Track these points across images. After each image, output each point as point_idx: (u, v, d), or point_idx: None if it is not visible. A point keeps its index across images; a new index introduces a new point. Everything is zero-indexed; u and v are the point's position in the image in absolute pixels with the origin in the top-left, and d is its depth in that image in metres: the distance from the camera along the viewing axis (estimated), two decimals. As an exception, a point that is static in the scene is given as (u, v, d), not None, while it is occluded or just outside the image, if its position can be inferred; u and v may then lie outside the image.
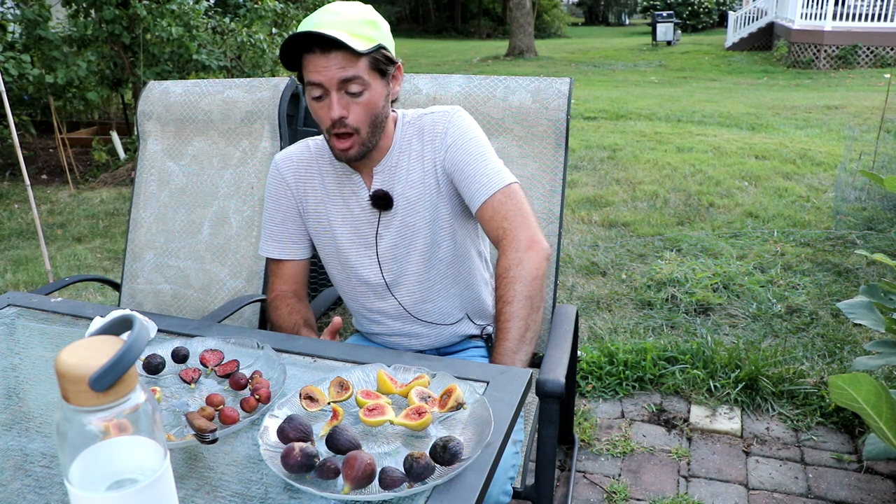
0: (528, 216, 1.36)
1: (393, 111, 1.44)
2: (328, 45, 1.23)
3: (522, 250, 1.32)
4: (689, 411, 2.34)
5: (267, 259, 1.55)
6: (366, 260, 1.45)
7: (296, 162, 1.48)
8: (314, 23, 1.25)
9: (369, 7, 1.32)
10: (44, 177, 6.38)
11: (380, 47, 1.29)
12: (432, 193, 1.40)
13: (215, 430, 0.96)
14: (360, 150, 1.33)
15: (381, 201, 1.39)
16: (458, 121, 1.40)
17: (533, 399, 1.54)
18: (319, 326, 3.07)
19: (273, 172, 1.50)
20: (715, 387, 2.42)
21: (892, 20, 12.80)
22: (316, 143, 1.48)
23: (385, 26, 1.33)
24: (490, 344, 1.55)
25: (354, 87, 1.27)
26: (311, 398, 1.05)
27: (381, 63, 1.30)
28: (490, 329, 1.56)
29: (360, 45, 1.24)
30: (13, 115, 4.57)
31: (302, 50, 1.26)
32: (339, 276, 1.52)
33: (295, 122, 2.46)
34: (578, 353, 2.43)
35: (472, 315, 1.53)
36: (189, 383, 1.14)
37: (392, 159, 1.40)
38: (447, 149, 1.39)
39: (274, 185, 1.50)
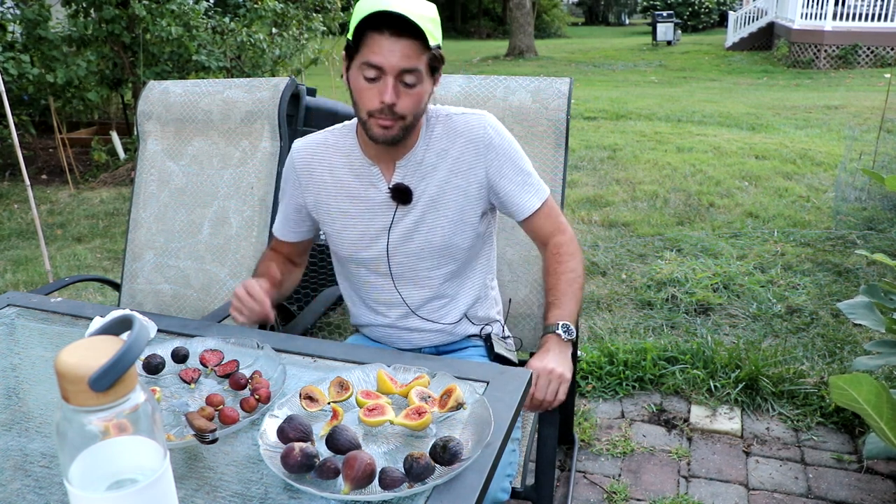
0: (564, 220, 1.50)
1: None
2: (402, 29, 1.23)
3: (576, 245, 1.47)
4: (689, 411, 2.34)
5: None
6: (375, 252, 1.46)
7: (310, 153, 1.48)
8: (388, 3, 1.22)
9: (434, 5, 1.33)
10: (44, 177, 6.38)
11: (439, 47, 1.31)
12: (459, 195, 1.41)
13: (215, 430, 0.96)
14: (399, 133, 1.33)
15: (401, 195, 1.40)
16: (499, 128, 1.43)
17: (533, 399, 1.54)
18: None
19: (288, 158, 1.52)
20: (715, 387, 2.42)
21: (892, 20, 12.79)
22: (334, 134, 1.48)
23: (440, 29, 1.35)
24: (489, 343, 1.54)
25: (411, 79, 1.27)
26: (311, 398, 1.05)
27: (436, 62, 1.32)
28: (489, 329, 1.56)
29: (430, 40, 1.26)
30: (13, 115, 4.56)
31: (369, 27, 1.25)
32: (346, 263, 1.52)
33: (295, 122, 2.46)
34: (578, 353, 2.43)
35: (471, 317, 1.53)
36: (189, 383, 1.14)
37: (417, 155, 1.41)
38: (493, 158, 1.41)
39: (287, 171, 1.52)
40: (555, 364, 1.31)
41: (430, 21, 1.27)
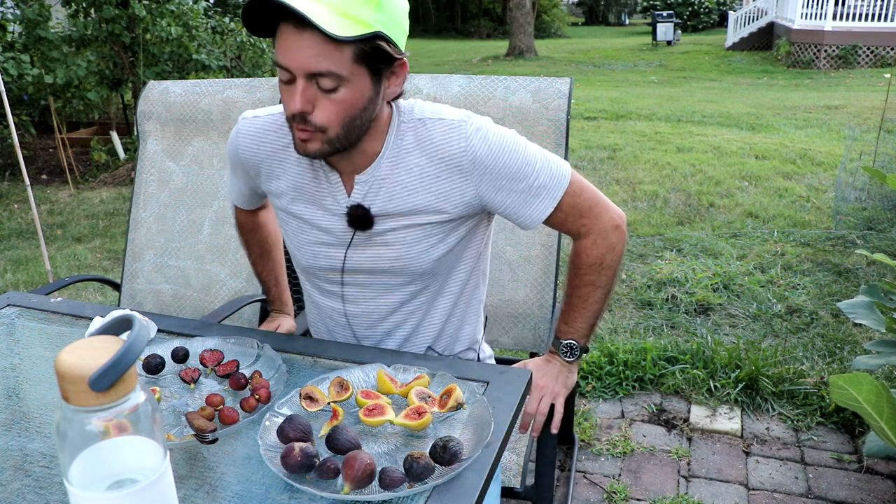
0: (598, 201, 1.20)
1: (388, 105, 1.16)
2: (303, 19, 0.95)
3: (612, 239, 1.21)
4: (689, 411, 2.34)
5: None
6: (329, 264, 1.25)
7: (258, 141, 1.22)
8: None
9: None
10: (44, 177, 6.38)
11: (376, 36, 1.00)
12: (438, 216, 1.16)
13: (215, 430, 0.96)
14: (322, 148, 1.06)
15: (359, 221, 1.16)
16: (487, 135, 1.12)
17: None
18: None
19: (233, 138, 1.25)
20: (715, 387, 2.42)
21: (892, 20, 12.79)
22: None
23: (397, 6, 1.04)
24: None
25: (327, 83, 1.00)
26: (311, 398, 1.05)
27: (372, 57, 1.01)
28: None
29: (346, 30, 0.96)
30: (13, 115, 4.56)
31: (278, 16, 0.99)
32: (303, 273, 1.34)
33: (295, 122, 2.45)
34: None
35: (436, 349, 1.33)
36: (189, 383, 1.14)
37: (381, 169, 1.14)
38: (482, 176, 1.13)
39: (231, 153, 1.27)
40: (548, 381, 1.29)
41: (359, 1, 0.98)
